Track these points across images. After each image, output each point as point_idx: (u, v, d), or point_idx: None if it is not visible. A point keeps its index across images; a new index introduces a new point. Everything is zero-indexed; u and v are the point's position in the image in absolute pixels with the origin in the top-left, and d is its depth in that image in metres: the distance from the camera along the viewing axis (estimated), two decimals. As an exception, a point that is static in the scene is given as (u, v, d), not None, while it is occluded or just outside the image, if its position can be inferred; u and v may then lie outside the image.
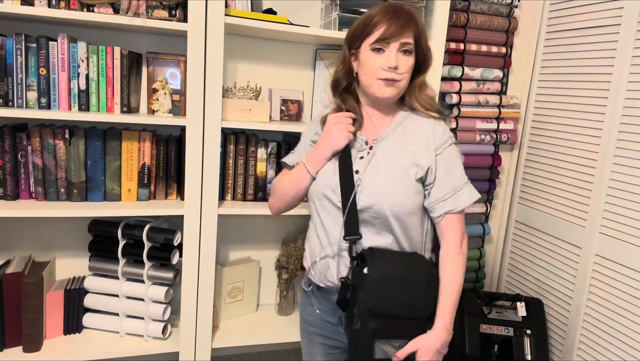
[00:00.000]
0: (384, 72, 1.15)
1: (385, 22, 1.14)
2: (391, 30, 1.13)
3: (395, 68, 1.14)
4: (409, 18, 1.16)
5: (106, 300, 1.66)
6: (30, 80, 1.46)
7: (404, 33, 1.14)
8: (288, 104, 1.83)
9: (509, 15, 1.97)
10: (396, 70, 1.15)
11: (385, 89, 1.17)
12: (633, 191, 1.58)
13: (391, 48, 1.14)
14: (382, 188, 1.16)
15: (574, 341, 1.78)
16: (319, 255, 1.25)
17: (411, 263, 1.17)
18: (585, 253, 1.75)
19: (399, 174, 1.17)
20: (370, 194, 1.16)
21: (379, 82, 1.16)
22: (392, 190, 1.16)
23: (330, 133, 1.23)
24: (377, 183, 1.17)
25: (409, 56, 1.17)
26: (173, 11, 1.50)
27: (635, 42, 1.60)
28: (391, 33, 1.13)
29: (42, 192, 1.54)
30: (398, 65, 1.14)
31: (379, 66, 1.15)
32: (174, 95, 1.64)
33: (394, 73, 1.15)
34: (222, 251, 1.91)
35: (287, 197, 1.31)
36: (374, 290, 1.11)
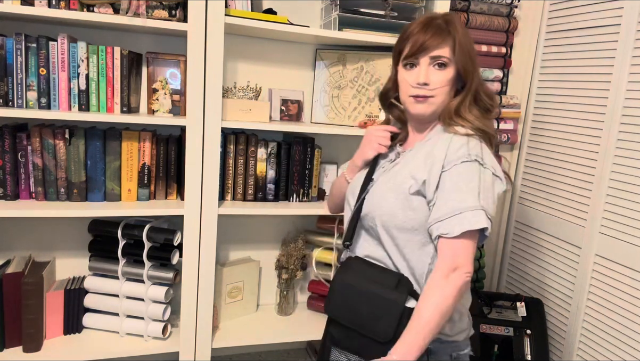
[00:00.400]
0: (414, 89, 1.10)
1: (416, 34, 1.09)
2: (419, 42, 1.08)
3: (424, 84, 1.09)
4: (440, 29, 1.09)
5: (106, 300, 1.65)
6: (30, 80, 1.46)
7: (435, 45, 1.08)
8: (288, 104, 1.83)
9: (509, 15, 1.97)
10: (426, 86, 1.09)
11: (416, 106, 1.12)
12: (633, 191, 1.58)
13: (422, 63, 1.09)
14: (376, 198, 1.14)
15: (574, 341, 1.78)
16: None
17: (385, 281, 1.07)
18: (585, 253, 1.75)
19: (394, 185, 1.11)
20: (368, 202, 1.16)
21: (410, 99, 1.12)
22: (382, 201, 1.12)
23: (364, 142, 1.25)
24: (375, 192, 1.15)
25: (443, 70, 1.09)
26: (173, 11, 1.50)
27: (635, 42, 1.60)
28: (418, 48, 1.08)
29: (42, 192, 1.54)
30: (428, 80, 1.08)
31: (409, 83, 1.11)
32: (174, 95, 1.64)
33: (424, 89, 1.09)
34: (222, 251, 1.91)
35: (335, 198, 1.39)
36: (334, 296, 1.11)
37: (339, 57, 1.82)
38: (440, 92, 1.10)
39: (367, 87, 1.78)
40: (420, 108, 1.12)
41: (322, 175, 1.87)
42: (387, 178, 1.16)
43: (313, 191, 1.80)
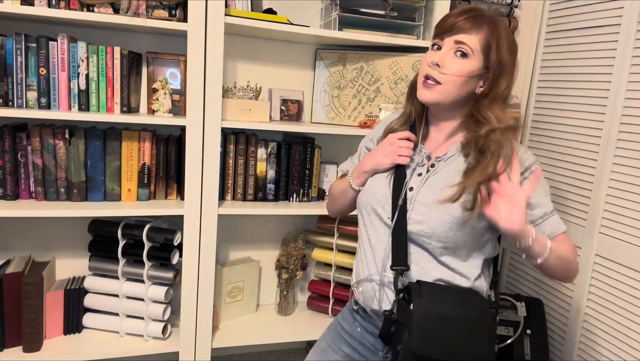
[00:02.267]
0: (426, 68, 1.03)
1: (451, 16, 1.02)
2: (448, 24, 1.01)
3: (437, 65, 1.01)
4: (477, 17, 1.00)
5: (106, 300, 1.65)
6: (30, 80, 1.46)
7: (463, 30, 1.00)
8: (288, 104, 1.83)
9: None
10: (438, 67, 1.01)
11: (423, 91, 1.05)
12: (633, 191, 1.58)
13: (445, 44, 1.02)
14: (435, 213, 1.02)
15: (574, 341, 1.78)
16: (363, 274, 1.14)
17: (467, 301, 1.02)
18: (585, 253, 1.75)
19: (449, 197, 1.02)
20: (421, 216, 1.04)
21: (421, 81, 1.05)
22: (445, 217, 1.02)
23: (381, 150, 1.14)
24: (431, 206, 1.03)
25: (462, 59, 1.01)
26: (173, 11, 1.50)
27: (635, 42, 1.60)
28: (446, 27, 1.01)
29: (42, 192, 1.53)
30: (442, 62, 1.01)
31: (425, 62, 1.04)
32: (174, 95, 1.64)
33: (435, 70, 1.01)
34: (222, 251, 1.91)
35: (337, 203, 1.30)
36: (419, 330, 0.97)
37: (339, 57, 1.82)
38: (451, 80, 1.01)
39: (367, 87, 1.78)
40: (425, 94, 1.05)
41: (322, 175, 1.87)
42: (434, 188, 1.06)
43: (313, 191, 1.80)
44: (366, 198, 1.15)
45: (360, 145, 1.31)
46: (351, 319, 1.24)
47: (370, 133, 1.29)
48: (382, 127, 1.24)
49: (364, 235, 1.16)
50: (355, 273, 1.20)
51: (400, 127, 1.17)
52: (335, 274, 1.87)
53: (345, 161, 1.34)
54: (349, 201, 1.24)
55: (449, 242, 1.04)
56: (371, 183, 1.16)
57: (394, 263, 1.06)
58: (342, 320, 1.27)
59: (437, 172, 1.08)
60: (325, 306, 1.90)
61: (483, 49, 1.01)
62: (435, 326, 0.98)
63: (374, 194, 1.13)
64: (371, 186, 1.15)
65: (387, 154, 1.12)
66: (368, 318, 1.19)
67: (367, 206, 1.14)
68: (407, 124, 1.17)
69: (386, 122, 1.24)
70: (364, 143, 1.29)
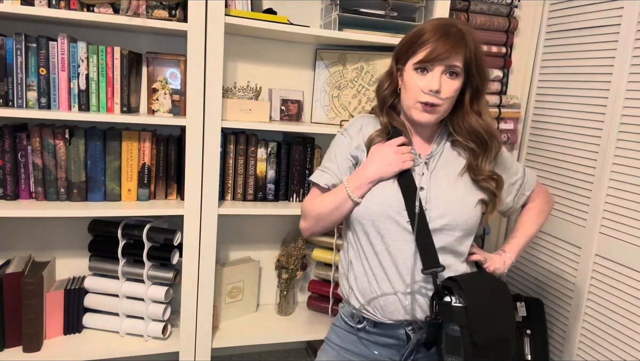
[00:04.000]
0: (424, 95, 1.09)
1: (434, 42, 1.07)
2: (437, 52, 1.06)
3: (437, 92, 1.08)
4: (460, 39, 1.08)
5: (106, 300, 1.65)
6: (30, 80, 1.46)
7: (452, 56, 1.07)
8: (288, 104, 1.82)
9: (509, 15, 1.97)
10: (438, 94, 1.09)
11: (423, 115, 1.12)
12: (633, 191, 1.58)
13: (436, 70, 1.09)
14: (453, 204, 1.13)
15: (574, 341, 1.78)
16: (381, 289, 1.14)
17: (490, 282, 1.15)
18: (585, 253, 1.75)
19: (465, 189, 1.15)
20: (441, 211, 1.12)
21: (418, 105, 1.11)
22: (462, 206, 1.13)
23: (383, 159, 1.14)
24: (447, 199, 1.13)
25: (454, 79, 1.10)
26: (173, 11, 1.50)
27: (635, 42, 1.60)
28: (437, 55, 1.07)
29: (42, 192, 1.53)
30: (440, 88, 1.08)
31: (420, 88, 1.09)
32: (174, 95, 1.64)
33: (435, 97, 1.09)
34: (222, 251, 1.91)
35: (326, 222, 1.22)
36: (477, 322, 1.04)
37: (339, 57, 1.82)
38: (448, 101, 1.11)
39: (367, 87, 1.78)
40: (426, 117, 1.12)
41: (322, 175, 1.87)
42: (446, 182, 1.15)
43: (313, 191, 1.80)
44: (379, 208, 1.13)
45: (339, 152, 1.24)
46: (355, 339, 1.22)
47: (349, 141, 1.23)
48: (358, 133, 1.23)
49: (378, 248, 1.14)
50: (362, 290, 1.17)
51: (379, 137, 1.19)
52: (335, 274, 1.87)
53: (317, 173, 1.25)
54: (343, 216, 1.20)
55: (467, 228, 1.14)
56: (379, 191, 1.15)
57: (426, 266, 1.10)
58: (342, 342, 1.24)
59: (435, 167, 1.17)
60: (325, 307, 1.90)
61: (466, 65, 1.11)
62: (484, 314, 1.06)
63: (387, 202, 1.13)
64: (380, 194, 1.14)
65: (392, 162, 1.14)
66: (382, 332, 1.18)
67: (381, 215, 1.13)
68: (385, 134, 1.20)
69: (363, 130, 1.23)
70: (346, 150, 1.23)
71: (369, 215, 1.14)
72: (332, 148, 1.26)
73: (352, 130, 1.25)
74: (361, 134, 1.23)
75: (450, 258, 1.15)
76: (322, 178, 1.23)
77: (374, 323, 1.18)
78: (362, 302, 1.17)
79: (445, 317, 1.06)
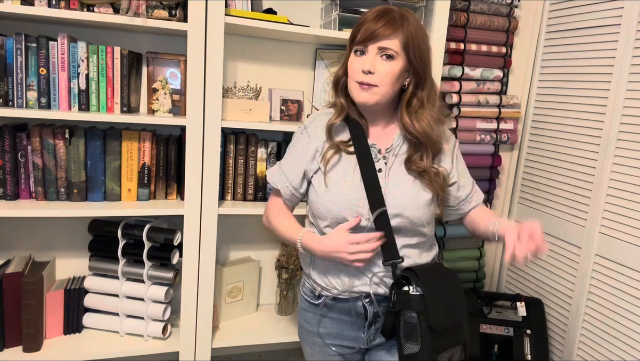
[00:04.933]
0: (360, 75, 1.11)
1: (367, 23, 1.10)
2: (369, 32, 1.08)
3: (369, 72, 1.09)
4: (394, 21, 1.09)
5: (106, 299, 1.65)
6: (30, 80, 1.46)
7: (383, 36, 1.08)
8: (288, 104, 1.82)
9: (509, 15, 1.97)
10: (370, 74, 1.10)
11: (360, 93, 1.12)
12: (633, 191, 1.58)
13: (370, 51, 1.10)
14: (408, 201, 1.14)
15: (574, 341, 1.78)
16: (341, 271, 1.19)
17: (444, 272, 1.18)
18: (585, 253, 1.75)
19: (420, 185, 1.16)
20: (398, 209, 1.14)
21: (355, 85, 1.12)
22: (418, 203, 1.15)
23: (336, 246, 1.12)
24: (402, 196, 1.15)
25: (389, 61, 1.10)
26: (173, 11, 1.50)
27: (635, 42, 1.60)
28: (368, 35, 1.09)
29: (42, 191, 1.53)
30: (374, 69, 1.09)
31: (356, 68, 1.11)
32: (174, 95, 1.64)
33: (368, 77, 1.10)
34: (222, 251, 1.91)
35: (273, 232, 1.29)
36: (434, 308, 1.08)
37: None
38: (384, 82, 1.10)
39: (367, 87, 1.78)
40: (363, 97, 1.12)
41: (322, 175, 1.87)
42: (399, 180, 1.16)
43: (313, 191, 1.80)
44: (337, 207, 1.15)
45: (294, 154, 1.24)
46: (318, 318, 1.26)
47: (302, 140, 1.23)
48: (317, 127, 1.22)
49: None
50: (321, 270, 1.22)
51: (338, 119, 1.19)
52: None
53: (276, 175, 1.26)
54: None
55: (423, 222, 1.17)
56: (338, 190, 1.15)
57: (386, 258, 1.14)
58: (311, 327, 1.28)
59: (394, 163, 1.18)
60: (325, 306, 1.90)
61: (404, 48, 1.10)
62: (441, 300, 1.10)
63: (346, 201, 1.15)
64: (339, 193, 1.15)
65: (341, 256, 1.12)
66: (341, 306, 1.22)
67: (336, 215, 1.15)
68: (343, 115, 1.19)
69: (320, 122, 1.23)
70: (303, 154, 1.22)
71: (329, 214, 1.17)
72: (291, 147, 1.27)
73: (312, 129, 1.24)
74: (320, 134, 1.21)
75: (408, 250, 1.18)
76: (279, 184, 1.26)
77: (332, 297, 1.22)
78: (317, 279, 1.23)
79: (404, 305, 1.10)
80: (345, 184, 1.16)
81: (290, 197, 1.27)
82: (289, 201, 1.29)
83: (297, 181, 1.23)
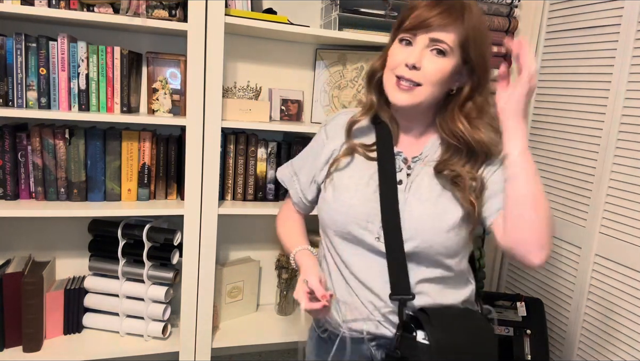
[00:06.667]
0: (402, 69, 0.91)
1: (421, 8, 0.90)
2: (420, 19, 0.89)
3: (413, 67, 0.90)
4: (453, 9, 0.89)
5: (106, 299, 1.65)
6: (30, 80, 1.46)
7: (438, 26, 0.88)
8: (288, 104, 1.82)
9: (509, 15, 1.97)
10: (415, 69, 0.90)
11: (397, 93, 0.93)
12: (633, 191, 1.58)
13: (418, 42, 0.91)
14: (427, 222, 0.94)
15: (574, 341, 1.78)
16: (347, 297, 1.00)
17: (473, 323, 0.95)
18: (585, 253, 1.75)
19: (447, 203, 0.95)
20: (413, 231, 0.93)
21: (392, 80, 0.93)
22: (439, 225, 0.94)
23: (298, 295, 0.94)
24: (421, 216, 0.94)
25: (440, 58, 0.91)
26: (173, 11, 1.50)
27: (635, 42, 1.60)
28: (419, 23, 0.89)
29: (42, 191, 1.53)
30: (419, 64, 0.90)
31: (399, 60, 0.92)
32: (174, 95, 1.64)
33: (412, 72, 0.90)
34: (222, 251, 1.91)
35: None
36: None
37: (339, 57, 1.82)
38: (430, 81, 0.91)
39: (367, 87, 1.78)
40: (401, 98, 0.93)
41: (322, 175, 1.87)
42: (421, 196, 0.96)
43: (313, 191, 1.80)
44: (339, 218, 0.98)
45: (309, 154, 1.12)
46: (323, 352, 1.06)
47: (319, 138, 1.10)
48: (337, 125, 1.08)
49: (337, 258, 1.02)
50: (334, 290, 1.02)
51: (362, 118, 1.04)
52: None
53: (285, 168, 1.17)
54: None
55: (447, 252, 0.95)
56: (346, 198, 0.98)
57: (394, 291, 0.94)
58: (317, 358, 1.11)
59: (419, 174, 0.98)
60: (325, 306, 1.90)
61: (461, 45, 0.92)
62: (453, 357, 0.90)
63: (350, 212, 0.97)
64: (346, 203, 0.98)
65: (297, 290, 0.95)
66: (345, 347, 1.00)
67: (341, 227, 0.98)
68: (370, 113, 1.04)
69: (341, 120, 1.08)
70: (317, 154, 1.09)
71: (334, 225, 1.00)
72: (308, 145, 1.15)
73: (331, 128, 1.09)
74: (340, 133, 1.06)
75: (426, 285, 0.96)
76: (289, 185, 1.16)
77: (336, 335, 1.01)
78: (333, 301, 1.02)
79: (407, 353, 0.91)
80: (357, 193, 0.98)
81: (298, 202, 1.15)
82: (297, 205, 1.17)
83: (306, 185, 1.11)
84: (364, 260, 0.98)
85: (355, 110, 1.08)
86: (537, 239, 0.87)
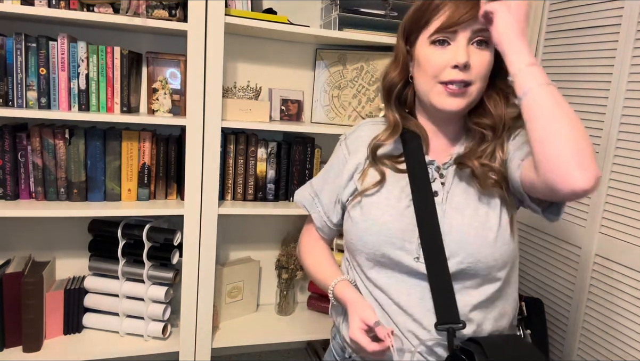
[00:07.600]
0: (450, 72, 0.83)
1: (452, 3, 0.82)
2: (460, 13, 0.81)
3: (465, 66, 0.82)
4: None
5: (106, 299, 1.65)
6: (30, 80, 1.46)
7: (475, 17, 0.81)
8: (288, 104, 1.82)
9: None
10: (466, 69, 0.82)
11: (449, 100, 0.84)
12: (633, 191, 1.58)
13: (460, 39, 0.82)
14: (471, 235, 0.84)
15: (574, 341, 1.78)
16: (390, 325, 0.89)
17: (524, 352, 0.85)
18: (585, 253, 1.75)
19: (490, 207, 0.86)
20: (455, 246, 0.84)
21: (438, 88, 0.85)
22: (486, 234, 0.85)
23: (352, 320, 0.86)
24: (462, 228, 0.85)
25: (484, 50, 0.83)
26: (173, 11, 1.50)
27: (635, 42, 1.60)
28: (460, 17, 0.81)
29: (42, 191, 1.53)
30: (470, 61, 0.82)
31: (441, 64, 0.83)
32: (174, 95, 1.64)
33: (464, 73, 0.82)
34: (222, 251, 1.91)
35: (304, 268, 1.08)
36: None
37: (339, 57, 1.82)
38: (480, 77, 0.84)
39: (368, 87, 1.78)
40: (454, 103, 0.84)
41: (322, 175, 1.87)
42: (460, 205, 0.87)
43: (313, 191, 1.80)
44: (370, 239, 0.88)
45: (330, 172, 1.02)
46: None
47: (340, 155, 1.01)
48: (359, 138, 0.99)
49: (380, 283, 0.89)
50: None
51: (388, 140, 0.94)
52: (335, 274, 1.87)
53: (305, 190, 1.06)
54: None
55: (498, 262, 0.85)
56: (378, 214, 0.88)
57: (440, 320, 0.83)
58: None
59: (454, 181, 0.90)
60: (326, 306, 1.90)
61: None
62: None
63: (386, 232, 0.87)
64: (379, 221, 0.88)
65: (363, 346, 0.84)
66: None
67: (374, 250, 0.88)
68: (396, 135, 0.94)
69: (363, 132, 0.99)
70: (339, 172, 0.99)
71: (364, 247, 0.90)
72: (329, 162, 1.05)
73: (352, 141, 1.00)
74: (362, 147, 0.97)
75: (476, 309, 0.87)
76: (311, 209, 1.05)
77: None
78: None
79: None
80: (388, 209, 0.88)
81: (322, 226, 1.04)
82: (320, 231, 1.05)
83: (330, 206, 1.01)
84: (402, 285, 0.88)
85: (377, 120, 1.01)
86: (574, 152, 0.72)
